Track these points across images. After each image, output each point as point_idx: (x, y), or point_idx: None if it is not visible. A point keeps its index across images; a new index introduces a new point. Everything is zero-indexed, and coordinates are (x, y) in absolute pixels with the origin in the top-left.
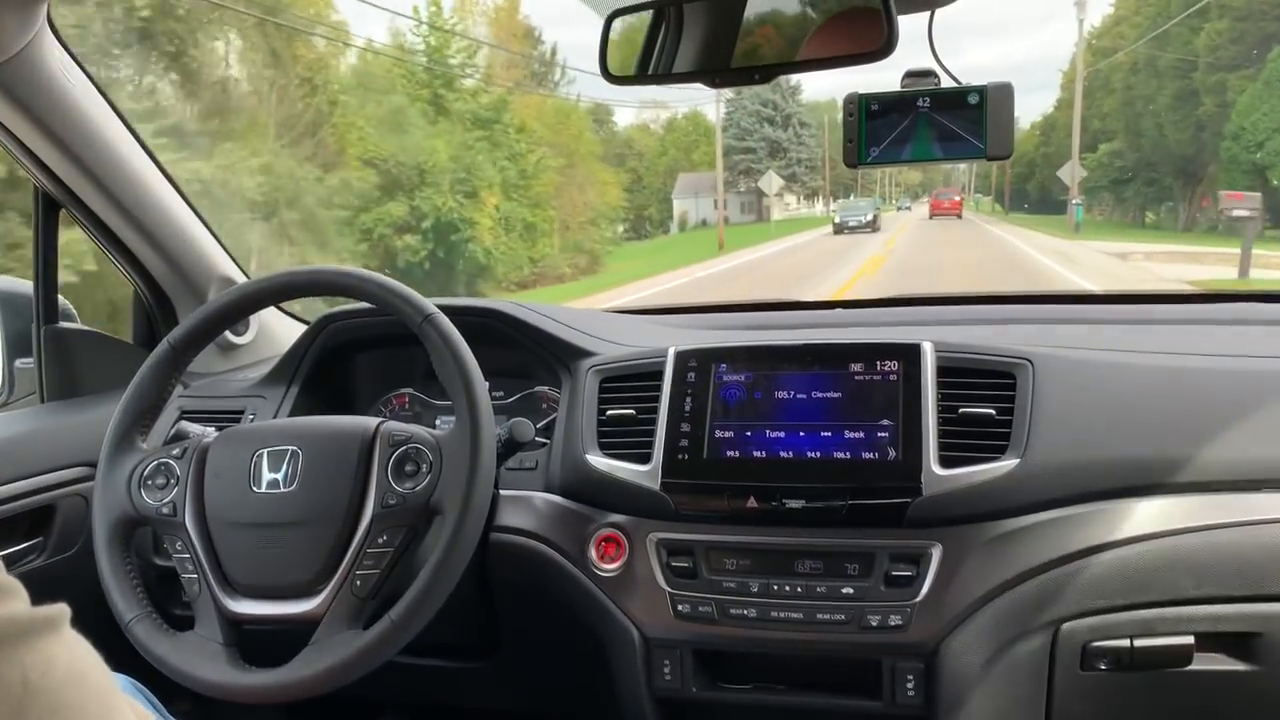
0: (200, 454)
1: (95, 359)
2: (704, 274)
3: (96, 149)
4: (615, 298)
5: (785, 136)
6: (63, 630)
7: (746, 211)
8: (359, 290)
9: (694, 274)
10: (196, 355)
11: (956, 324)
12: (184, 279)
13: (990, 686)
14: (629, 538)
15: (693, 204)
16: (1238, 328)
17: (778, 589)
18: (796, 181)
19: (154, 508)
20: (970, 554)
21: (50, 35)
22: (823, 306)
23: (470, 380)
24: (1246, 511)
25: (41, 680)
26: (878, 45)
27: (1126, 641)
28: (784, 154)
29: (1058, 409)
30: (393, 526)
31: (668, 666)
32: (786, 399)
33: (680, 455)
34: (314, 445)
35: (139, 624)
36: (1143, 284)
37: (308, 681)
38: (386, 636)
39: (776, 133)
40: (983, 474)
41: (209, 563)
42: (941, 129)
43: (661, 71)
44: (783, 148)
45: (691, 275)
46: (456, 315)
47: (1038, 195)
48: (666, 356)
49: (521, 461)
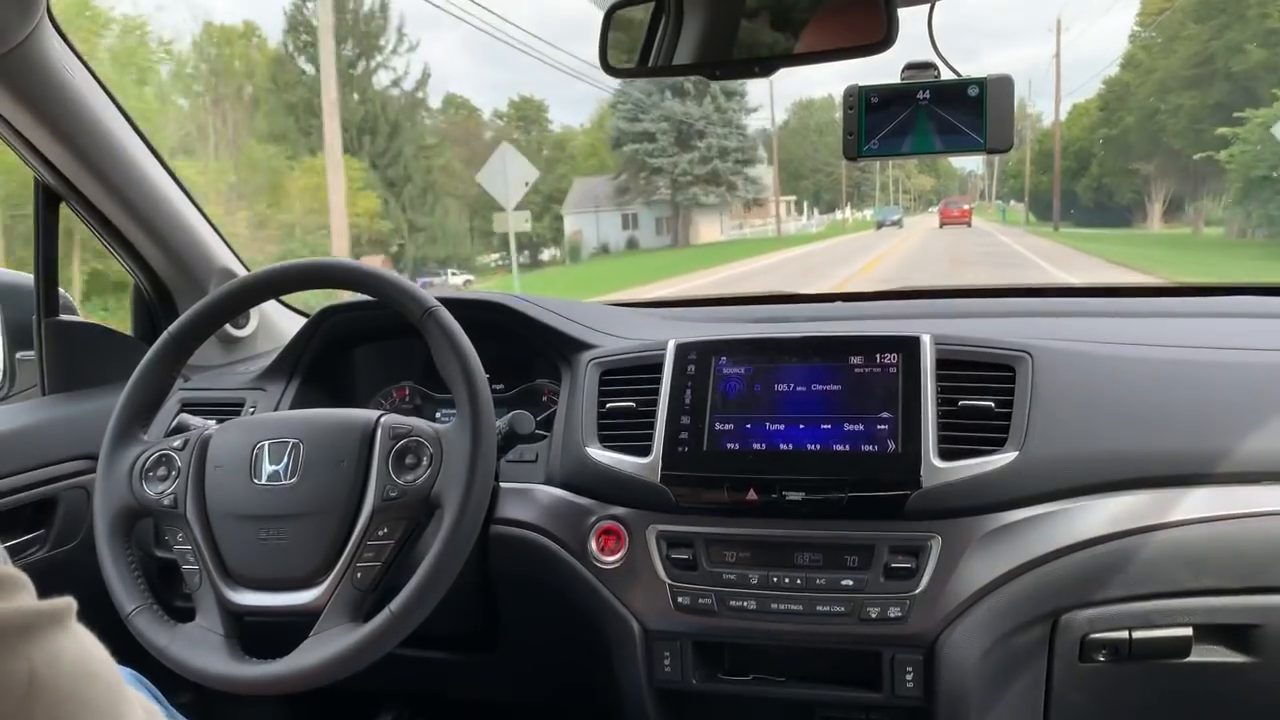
0: (201, 445)
1: (96, 352)
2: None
3: (96, 141)
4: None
5: (700, 114)
6: (69, 624)
7: (664, 232)
8: (361, 283)
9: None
10: (198, 347)
11: (956, 317)
12: (184, 272)
13: (989, 678)
14: (629, 530)
15: (592, 221)
16: (1235, 320)
17: (777, 581)
18: (720, 184)
19: (155, 499)
20: (969, 546)
21: (50, 27)
22: (823, 299)
23: (471, 374)
24: (1245, 504)
25: (48, 674)
26: (878, 38)
27: (1125, 633)
28: (699, 140)
29: (1057, 402)
30: (393, 519)
31: (668, 658)
32: (786, 391)
33: (680, 448)
34: (315, 437)
35: (140, 615)
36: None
37: (307, 673)
38: (386, 629)
39: (688, 107)
40: (982, 466)
41: (210, 554)
42: (941, 121)
43: (661, 64)
44: (698, 131)
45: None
46: (457, 308)
47: (1091, 198)
48: (666, 349)
49: (522, 454)
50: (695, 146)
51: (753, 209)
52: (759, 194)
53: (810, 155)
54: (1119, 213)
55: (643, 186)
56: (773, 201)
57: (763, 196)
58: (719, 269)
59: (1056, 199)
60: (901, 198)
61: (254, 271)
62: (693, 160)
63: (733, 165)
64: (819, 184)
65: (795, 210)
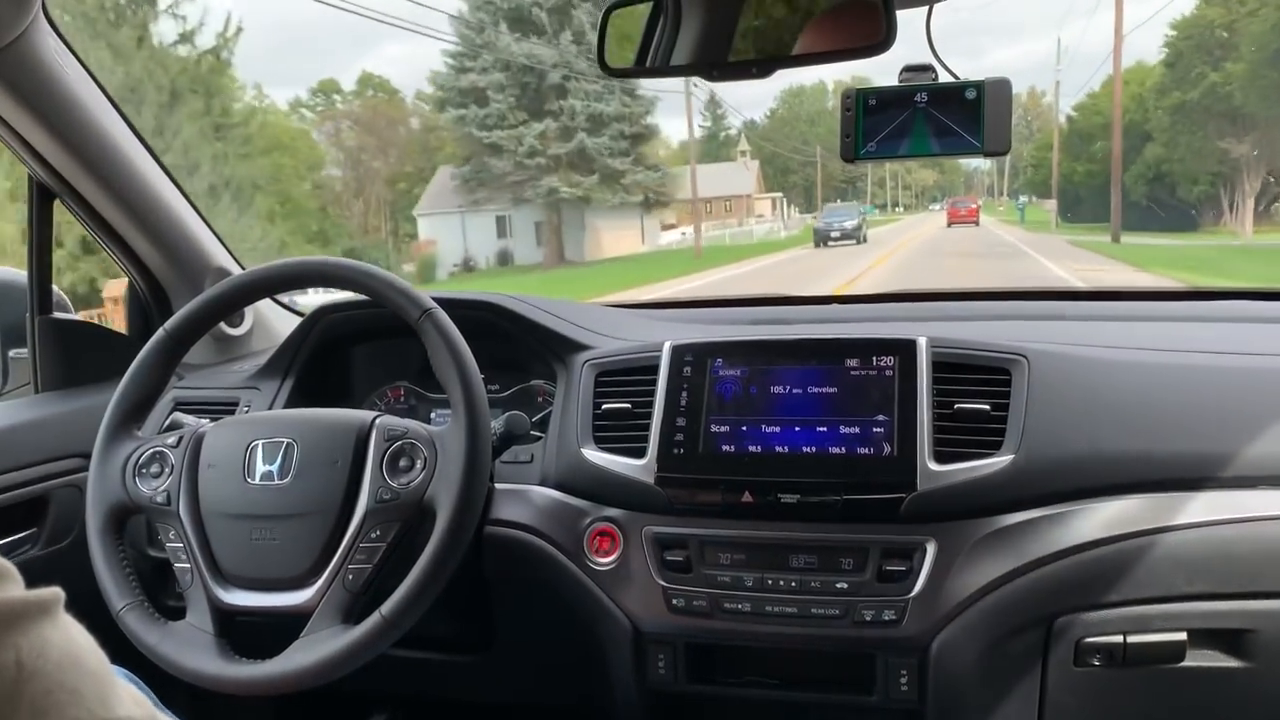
0: (195, 443)
1: (90, 350)
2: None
3: (91, 139)
4: None
5: (551, 58)
6: (57, 614)
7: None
8: (357, 283)
9: None
10: (193, 344)
11: (952, 320)
12: (179, 270)
13: (983, 682)
14: (624, 531)
15: (455, 225)
16: (1231, 325)
17: (772, 583)
18: (591, 171)
19: (148, 496)
20: (964, 549)
21: (45, 24)
22: (819, 302)
23: (468, 378)
24: (1240, 509)
25: (36, 663)
26: (877, 39)
27: (1120, 637)
28: (558, 102)
29: (1053, 405)
30: (386, 522)
31: (662, 660)
32: (782, 394)
33: (675, 449)
34: (309, 437)
35: (130, 612)
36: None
37: (295, 675)
38: (376, 633)
39: (535, 47)
40: (977, 470)
41: (201, 553)
42: (939, 124)
43: (659, 64)
44: (553, 88)
45: None
46: (452, 308)
47: (1144, 192)
48: (662, 351)
49: (516, 455)
50: (550, 112)
51: (735, 209)
52: (660, 187)
53: (800, 148)
54: (1181, 212)
55: (482, 176)
56: (755, 199)
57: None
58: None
59: (1116, 190)
60: (901, 194)
61: (250, 270)
62: (546, 134)
63: (613, 143)
64: (809, 179)
65: (775, 210)
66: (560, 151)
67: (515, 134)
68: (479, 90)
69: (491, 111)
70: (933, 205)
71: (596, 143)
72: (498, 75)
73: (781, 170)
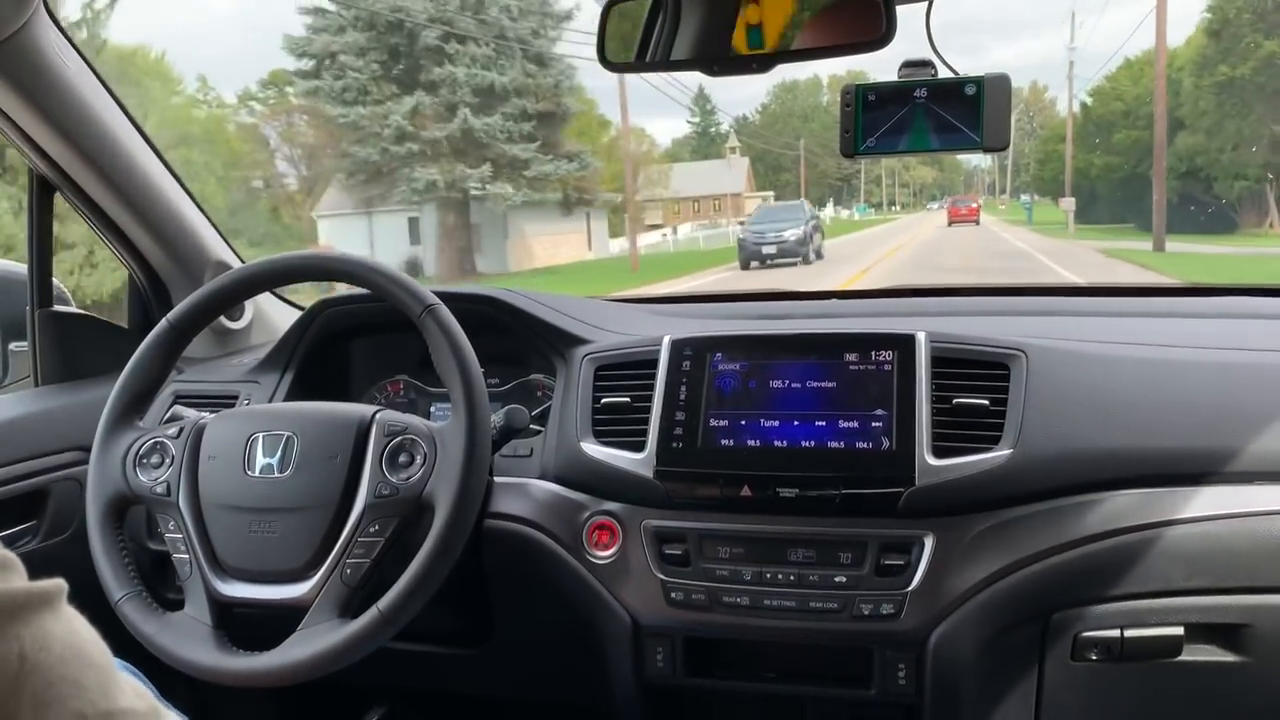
0: (196, 434)
1: (90, 343)
2: None
3: (92, 132)
4: None
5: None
6: (59, 606)
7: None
8: (359, 277)
9: None
10: (195, 336)
11: (951, 315)
12: (179, 263)
13: (981, 676)
14: (623, 525)
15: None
16: (1230, 321)
17: (770, 577)
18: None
19: (148, 486)
20: (962, 544)
21: (46, 17)
22: (819, 296)
23: (469, 375)
24: (1238, 504)
25: (39, 655)
26: (877, 34)
27: (1117, 632)
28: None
29: (1051, 400)
30: (384, 517)
31: (660, 654)
32: (781, 388)
33: (674, 443)
34: (309, 431)
35: (128, 602)
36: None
37: (292, 668)
38: (373, 627)
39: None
40: (976, 465)
41: (200, 544)
42: (938, 120)
43: (659, 60)
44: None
45: None
46: (452, 302)
47: (1174, 188)
48: (661, 345)
49: (516, 449)
50: (426, 84)
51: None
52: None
53: (793, 145)
54: (1218, 211)
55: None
56: (745, 197)
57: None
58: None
59: (1160, 185)
60: (899, 192)
61: (251, 263)
62: (419, 111)
63: (511, 124)
64: (821, 173)
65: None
66: (439, 134)
67: (379, 111)
68: (334, 56)
69: (350, 83)
70: (931, 204)
71: (487, 123)
72: (357, 35)
73: (773, 167)
